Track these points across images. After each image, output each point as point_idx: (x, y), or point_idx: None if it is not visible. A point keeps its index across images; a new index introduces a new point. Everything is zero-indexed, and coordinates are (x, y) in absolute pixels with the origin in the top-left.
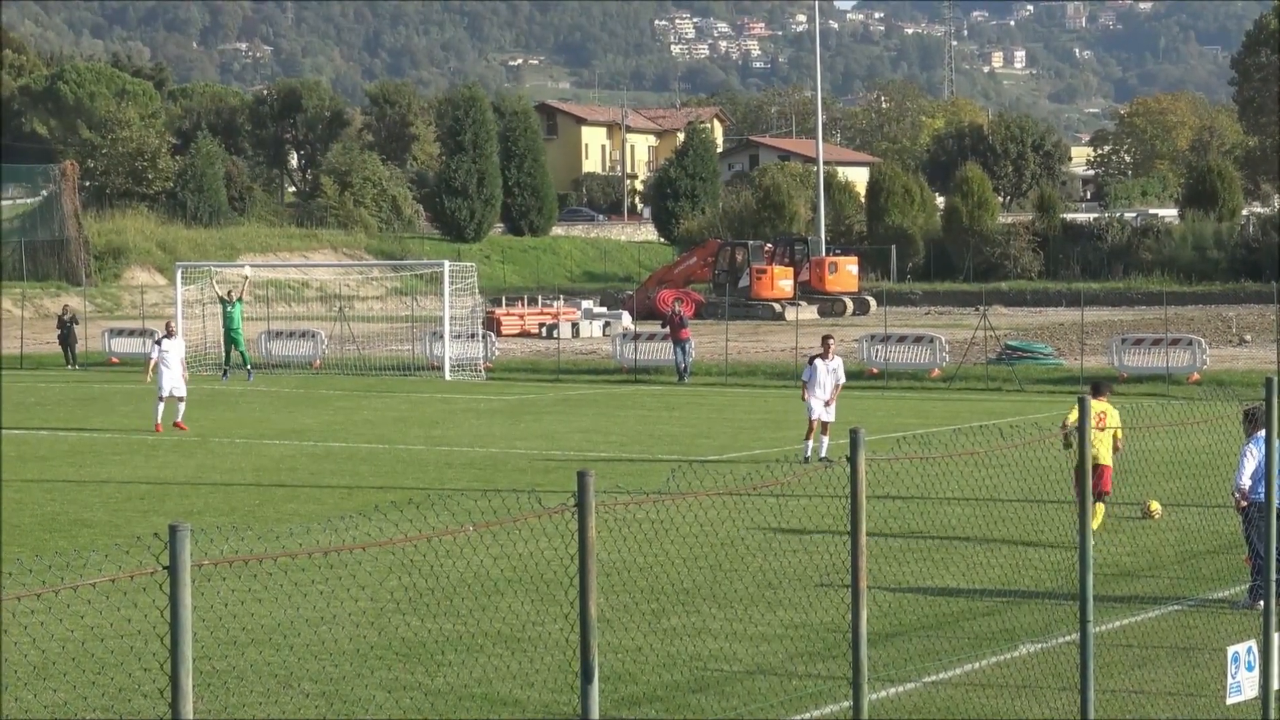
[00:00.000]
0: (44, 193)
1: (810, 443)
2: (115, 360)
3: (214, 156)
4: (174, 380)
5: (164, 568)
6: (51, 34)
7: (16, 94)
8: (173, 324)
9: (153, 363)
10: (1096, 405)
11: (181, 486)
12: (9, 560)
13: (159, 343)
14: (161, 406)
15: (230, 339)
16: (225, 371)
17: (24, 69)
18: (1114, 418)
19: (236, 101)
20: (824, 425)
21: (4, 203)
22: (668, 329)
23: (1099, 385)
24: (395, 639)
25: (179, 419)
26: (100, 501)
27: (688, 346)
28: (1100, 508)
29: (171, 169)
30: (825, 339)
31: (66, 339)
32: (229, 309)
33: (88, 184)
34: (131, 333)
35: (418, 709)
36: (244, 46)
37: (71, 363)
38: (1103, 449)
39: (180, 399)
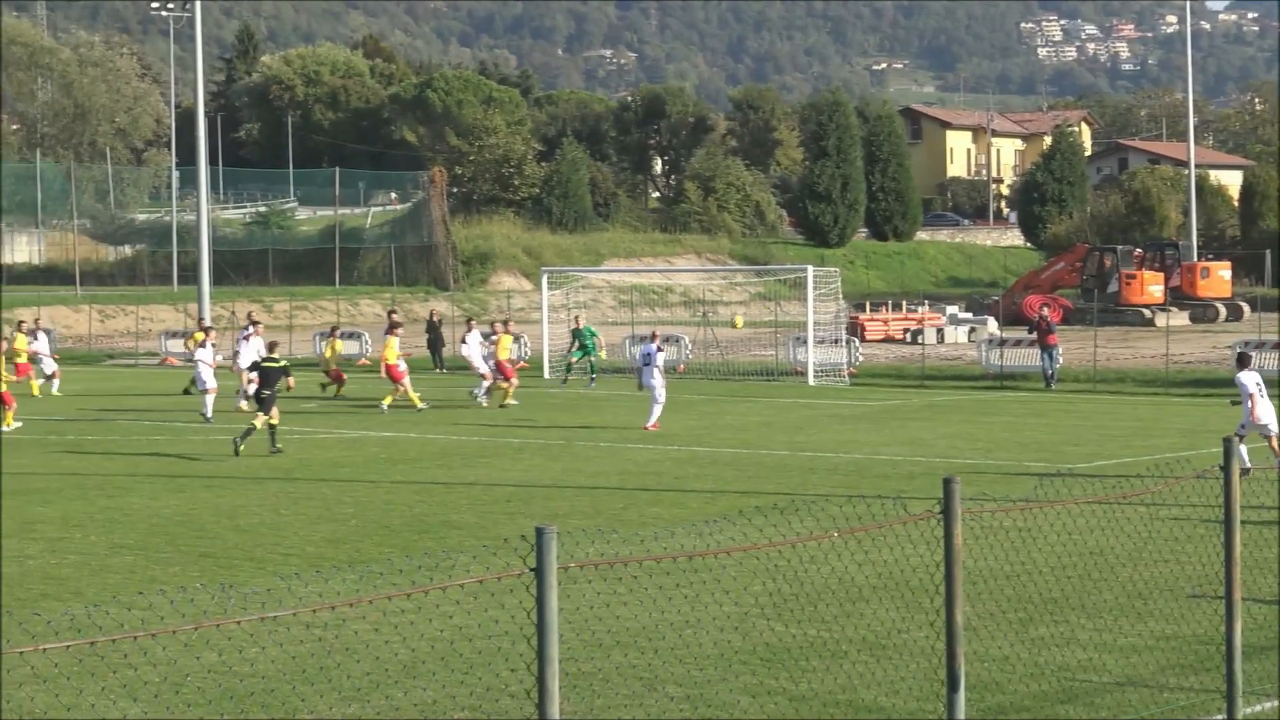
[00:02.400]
0: (413, 199)
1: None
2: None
3: (579, 163)
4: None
5: (530, 570)
6: (420, 43)
7: (387, 102)
8: (657, 333)
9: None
10: None
11: (547, 489)
12: (381, 560)
13: (649, 354)
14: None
15: (586, 348)
16: (565, 378)
17: (394, 78)
18: None
19: (601, 108)
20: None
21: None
22: (1035, 335)
23: None
24: (759, 644)
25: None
26: (468, 503)
27: (1055, 352)
28: None
29: (537, 175)
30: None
31: (434, 343)
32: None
33: (455, 190)
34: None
35: (782, 714)
36: (609, 53)
37: (439, 366)
38: None
39: (658, 404)
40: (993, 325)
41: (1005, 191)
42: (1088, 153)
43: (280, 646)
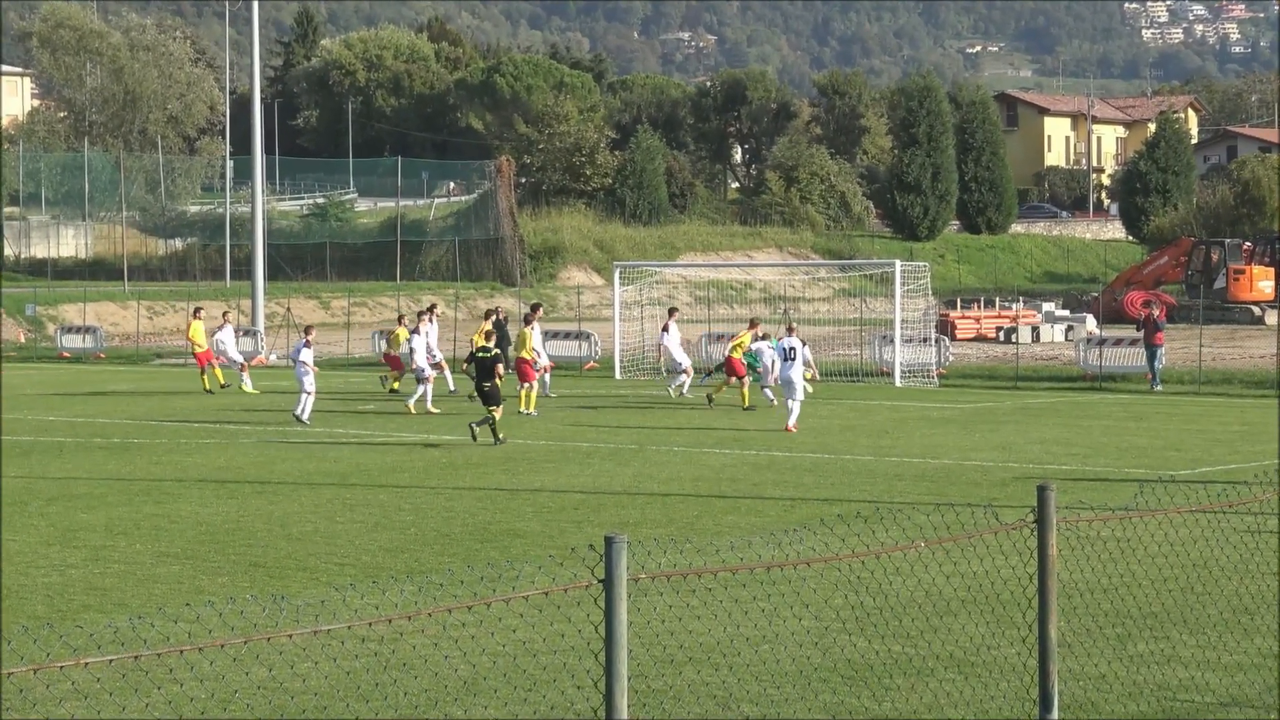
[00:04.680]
0: (479, 190)
1: None
2: (551, 365)
3: (654, 151)
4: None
5: (599, 581)
6: (488, 25)
7: (452, 88)
8: (794, 327)
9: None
10: None
11: (617, 496)
12: (441, 570)
13: (787, 350)
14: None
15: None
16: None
17: (460, 62)
18: None
19: (678, 94)
20: None
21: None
22: (1143, 332)
23: None
24: (840, 660)
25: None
26: (533, 511)
27: (1159, 352)
28: None
29: (610, 164)
30: None
31: (500, 342)
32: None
33: (523, 180)
34: (566, 335)
35: None
36: (686, 36)
37: (505, 365)
38: None
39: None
40: (1091, 323)
41: (1106, 181)
42: (1194, 140)
43: (334, 661)
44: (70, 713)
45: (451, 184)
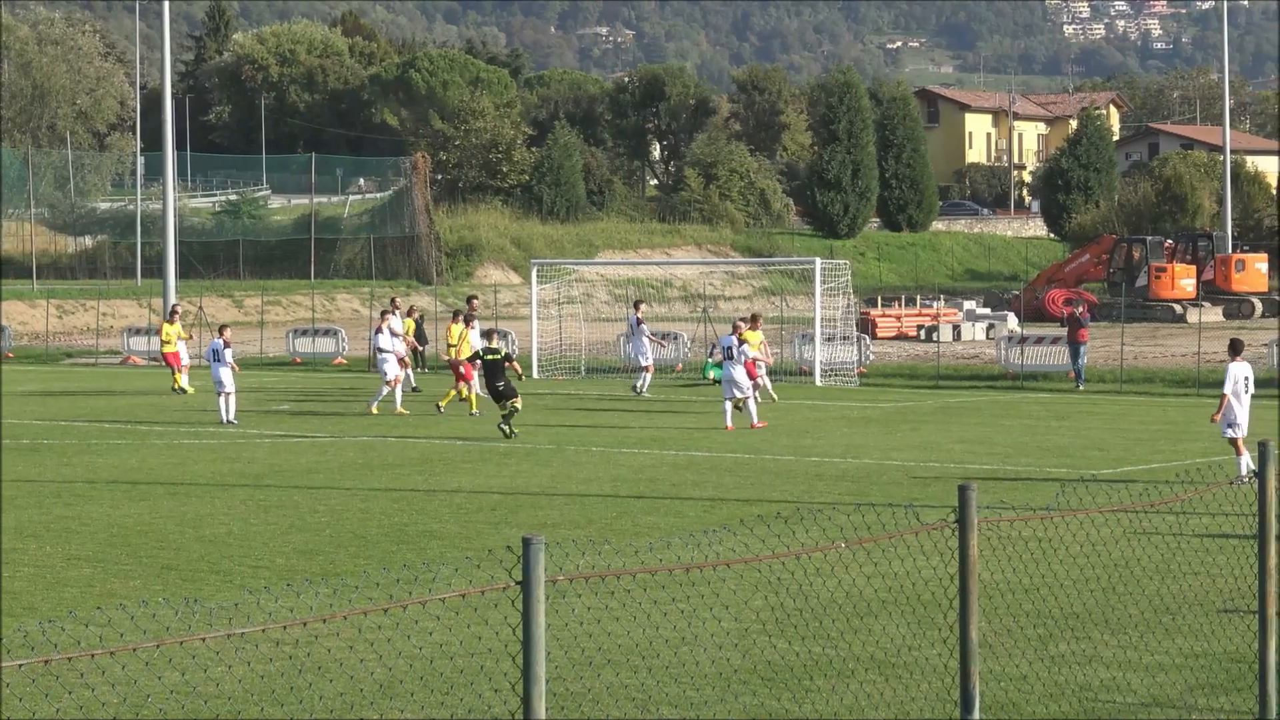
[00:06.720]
0: (395, 187)
1: (1244, 458)
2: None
3: (572, 148)
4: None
5: (517, 583)
6: (403, 19)
7: (367, 83)
8: (740, 323)
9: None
10: None
11: (535, 497)
12: (356, 572)
13: (730, 347)
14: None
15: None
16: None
17: (375, 57)
18: None
19: (596, 89)
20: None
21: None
22: (1066, 329)
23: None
24: (760, 662)
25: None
26: (450, 512)
27: (1083, 349)
28: None
29: (527, 161)
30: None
31: (416, 341)
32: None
33: (439, 177)
34: (484, 333)
35: None
36: (604, 31)
37: (420, 365)
38: None
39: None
40: (1013, 322)
41: (1027, 179)
42: (1116, 137)
43: (248, 665)
44: None
45: (362, 180)
